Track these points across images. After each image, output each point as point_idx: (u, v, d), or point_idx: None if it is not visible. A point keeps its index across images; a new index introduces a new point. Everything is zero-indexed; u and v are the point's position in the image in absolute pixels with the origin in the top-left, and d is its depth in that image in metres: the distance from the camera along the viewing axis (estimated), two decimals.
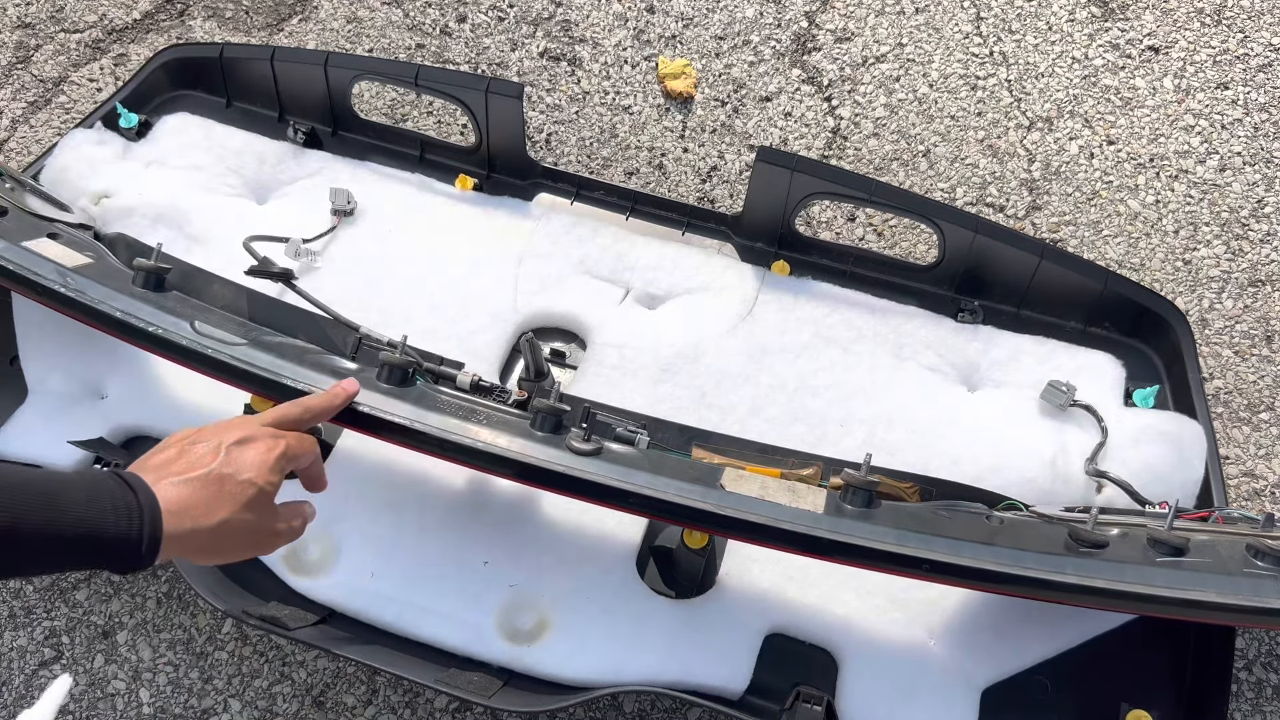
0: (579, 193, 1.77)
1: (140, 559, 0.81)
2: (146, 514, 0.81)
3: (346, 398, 1.09)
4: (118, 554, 0.80)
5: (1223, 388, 1.82)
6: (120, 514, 0.80)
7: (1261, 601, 0.97)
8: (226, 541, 0.89)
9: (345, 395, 1.09)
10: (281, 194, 1.75)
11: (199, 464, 0.89)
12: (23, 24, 2.32)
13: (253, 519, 0.90)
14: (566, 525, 1.39)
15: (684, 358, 1.56)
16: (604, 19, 2.27)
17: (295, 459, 0.97)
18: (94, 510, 0.78)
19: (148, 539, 0.81)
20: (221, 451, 0.90)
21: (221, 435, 0.92)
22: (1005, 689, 1.28)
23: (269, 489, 0.92)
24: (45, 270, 1.28)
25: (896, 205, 1.57)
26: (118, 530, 0.79)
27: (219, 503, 0.87)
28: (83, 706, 1.59)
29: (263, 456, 0.92)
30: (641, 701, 1.55)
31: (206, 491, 0.87)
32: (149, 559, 0.81)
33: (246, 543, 0.91)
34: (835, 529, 1.06)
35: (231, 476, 0.89)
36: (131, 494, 0.82)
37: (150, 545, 0.81)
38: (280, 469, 0.94)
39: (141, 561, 0.81)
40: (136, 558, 0.80)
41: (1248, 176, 2.03)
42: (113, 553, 0.79)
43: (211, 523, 0.86)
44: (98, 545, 0.78)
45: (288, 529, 0.96)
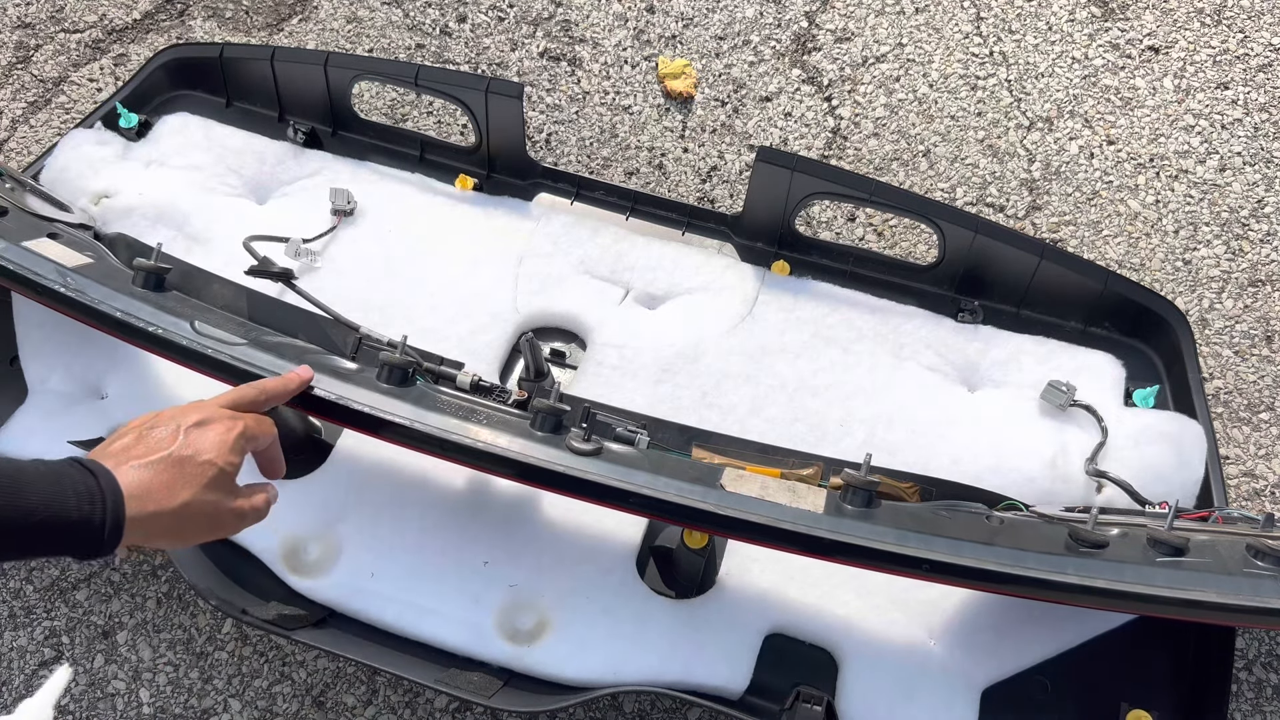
0: (579, 193, 1.77)
1: (102, 544, 0.81)
2: (109, 498, 0.82)
3: (301, 382, 1.10)
4: (80, 539, 0.80)
5: (1223, 388, 1.83)
6: (82, 499, 0.80)
7: (1261, 601, 0.97)
8: (189, 523, 0.89)
9: (299, 380, 1.10)
10: (281, 194, 1.75)
11: (158, 447, 0.89)
12: (23, 24, 2.32)
13: (214, 499, 0.90)
14: (566, 525, 1.39)
15: (684, 358, 1.56)
16: (604, 19, 2.27)
17: (254, 439, 0.97)
18: (56, 497, 0.79)
19: (110, 523, 0.81)
20: (180, 434, 0.90)
21: (179, 418, 0.93)
22: (1005, 689, 1.28)
23: (229, 469, 0.92)
24: (45, 270, 1.28)
25: (896, 205, 1.57)
26: (80, 514, 0.79)
27: (180, 484, 0.88)
28: (83, 706, 1.59)
29: (221, 437, 0.92)
30: (641, 701, 1.55)
31: (167, 474, 0.87)
32: (111, 543, 0.82)
33: (208, 524, 0.91)
34: (835, 529, 1.06)
35: (191, 458, 0.89)
36: (93, 479, 0.82)
37: (113, 529, 0.81)
38: (240, 449, 0.94)
39: (104, 547, 0.81)
40: (99, 543, 0.81)
41: (1248, 176, 2.03)
42: (75, 538, 0.79)
43: (174, 504, 0.87)
44: (60, 531, 0.78)
45: (251, 509, 0.96)
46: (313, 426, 1.48)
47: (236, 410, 0.99)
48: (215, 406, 0.97)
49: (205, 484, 0.89)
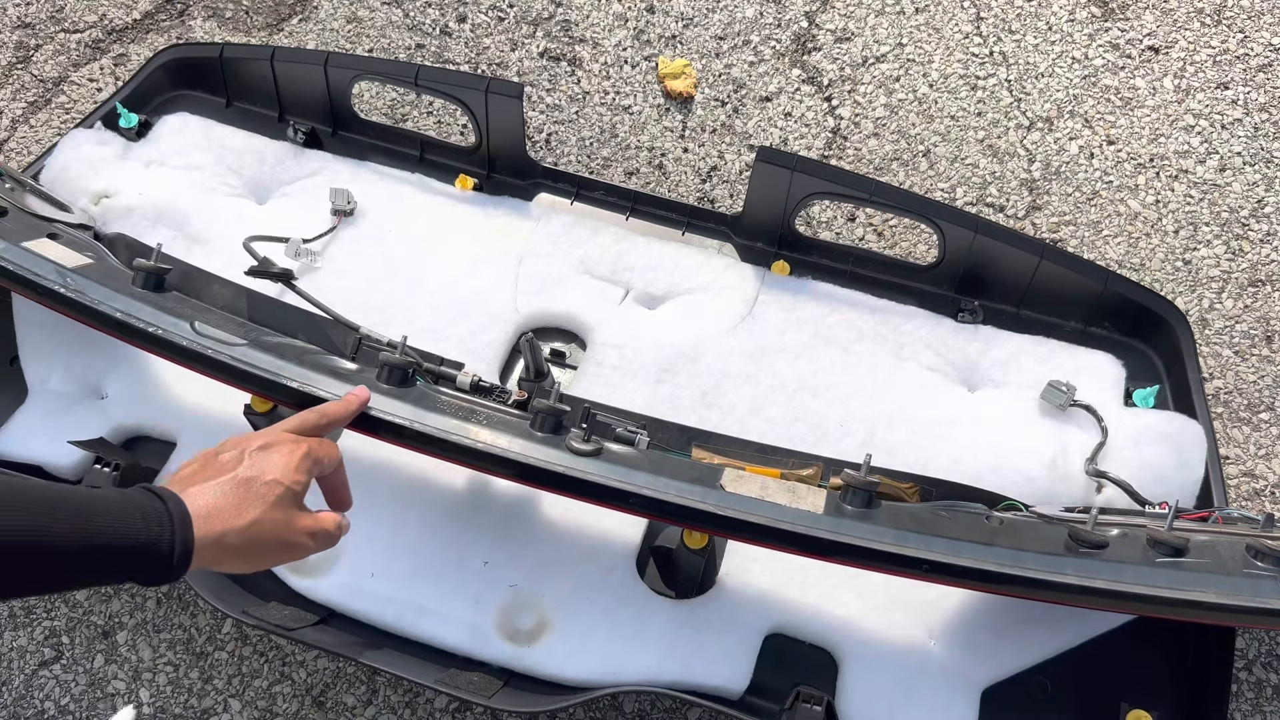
0: (579, 193, 1.77)
1: (171, 568, 0.81)
2: (176, 520, 0.82)
3: (360, 404, 1.11)
4: (149, 563, 0.80)
5: (1223, 388, 1.83)
6: (150, 521, 0.80)
7: (1261, 602, 0.97)
8: (258, 544, 0.89)
9: (359, 401, 1.11)
10: (281, 194, 1.75)
11: (224, 470, 0.90)
12: (23, 24, 2.32)
13: (282, 518, 0.91)
14: (566, 525, 1.39)
15: (684, 358, 1.56)
16: (604, 19, 2.27)
17: (319, 461, 0.98)
18: (125, 521, 0.79)
19: (179, 545, 0.81)
20: (245, 457, 0.92)
21: (244, 443, 0.94)
22: (1005, 689, 1.28)
23: (296, 488, 0.93)
24: (45, 270, 1.28)
25: (896, 205, 1.57)
26: (148, 537, 0.79)
27: (247, 504, 0.88)
28: (83, 706, 1.59)
29: (287, 458, 0.93)
30: (641, 701, 1.55)
31: (234, 494, 0.88)
32: (181, 567, 0.82)
33: (277, 544, 0.91)
34: (835, 529, 1.06)
35: (257, 478, 0.90)
36: (160, 502, 0.82)
37: (182, 552, 0.81)
38: (306, 470, 0.95)
39: (173, 570, 0.81)
40: (168, 566, 0.81)
41: (1248, 176, 2.03)
42: (144, 561, 0.79)
43: (241, 523, 0.87)
44: (129, 554, 0.78)
45: (320, 531, 0.96)
46: None
47: (300, 434, 0.99)
48: (279, 431, 0.98)
49: (272, 503, 0.90)
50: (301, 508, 0.94)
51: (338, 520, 0.99)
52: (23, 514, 0.74)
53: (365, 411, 1.13)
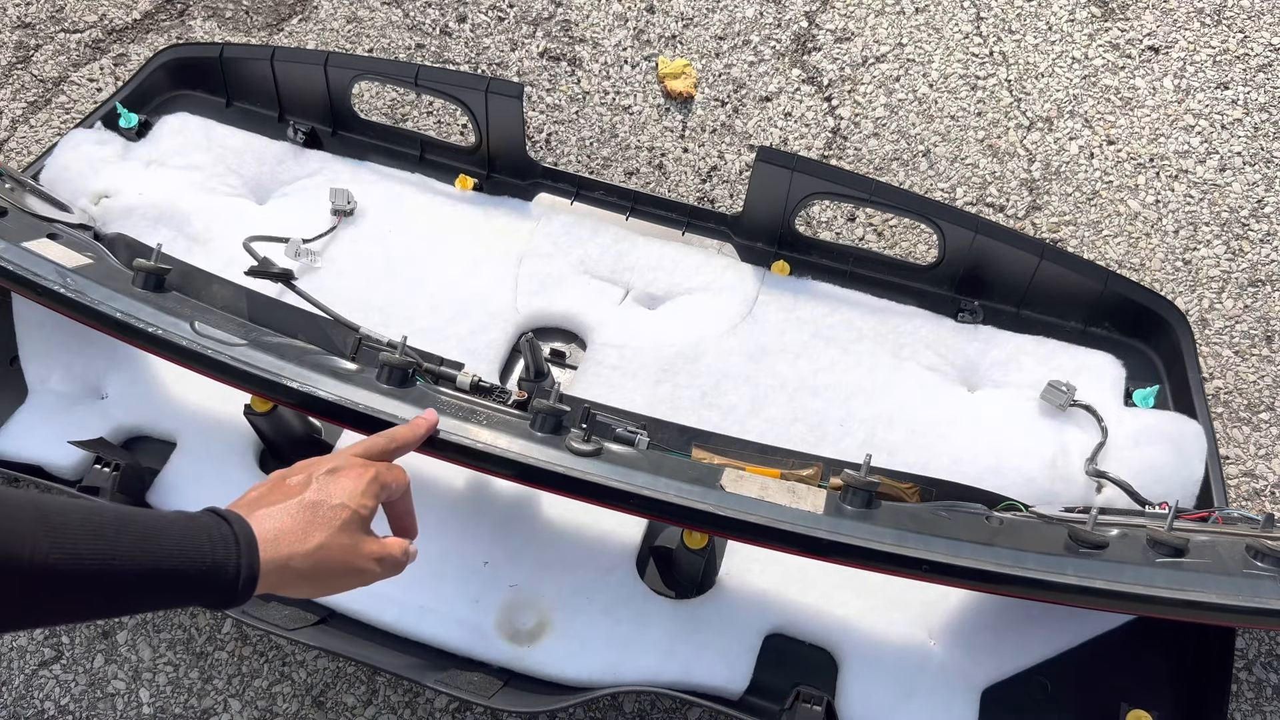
0: (579, 193, 1.77)
1: (237, 592, 0.80)
2: (243, 543, 0.81)
3: (429, 427, 1.10)
4: (215, 586, 0.79)
5: (1223, 388, 1.83)
6: (217, 544, 0.80)
7: (1261, 602, 0.97)
8: (323, 568, 0.88)
9: (427, 425, 1.10)
10: (281, 194, 1.75)
11: (292, 493, 0.89)
12: (23, 24, 2.32)
13: (348, 543, 0.90)
14: (566, 525, 1.39)
15: (684, 358, 1.56)
16: (604, 19, 2.27)
17: (387, 486, 0.97)
18: (191, 544, 0.78)
19: (245, 568, 0.81)
20: (313, 480, 0.91)
21: (312, 468, 0.93)
22: (1005, 689, 1.28)
23: (363, 512, 0.92)
24: (45, 270, 1.28)
25: (896, 205, 1.57)
26: (215, 560, 0.79)
27: (314, 527, 0.87)
28: (83, 706, 1.59)
29: (354, 482, 0.93)
30: (641, 701, 1.55)
31: (301, 518, 0.87)
32: (246, 591, 0.81)
33: (343, 569, 0.90)
34: (835, 529, 1.06)
35: (324, 502, 0.89)
36: (226, 525, 0.82)
37: (248, 575, 0.81)
38: (373, 494, 0.94)
39: (238, 595, 0.81)
40: (233, 590, 0.80)
41: (1248, 176, 2.03)
42: (210, 585, 0.79)
43: (308, 547, 0.86)
44: (195, 578, 0.78)
45: (387, 557, 0.94)
46: (313, 427, 1.48)
47: (368, 459, 0.99)
48: (347, 455, 0.98)
49: (339, 527, 0.89)
50: (368, 533, 0.93)
51: (405, 547, 0.97)
52: (94, 539, 0.73)
53: (365, 413, 1.13)
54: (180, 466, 1.44)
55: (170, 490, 1.43)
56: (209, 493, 1.41)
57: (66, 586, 0.72)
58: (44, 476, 1.44)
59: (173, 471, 1.44)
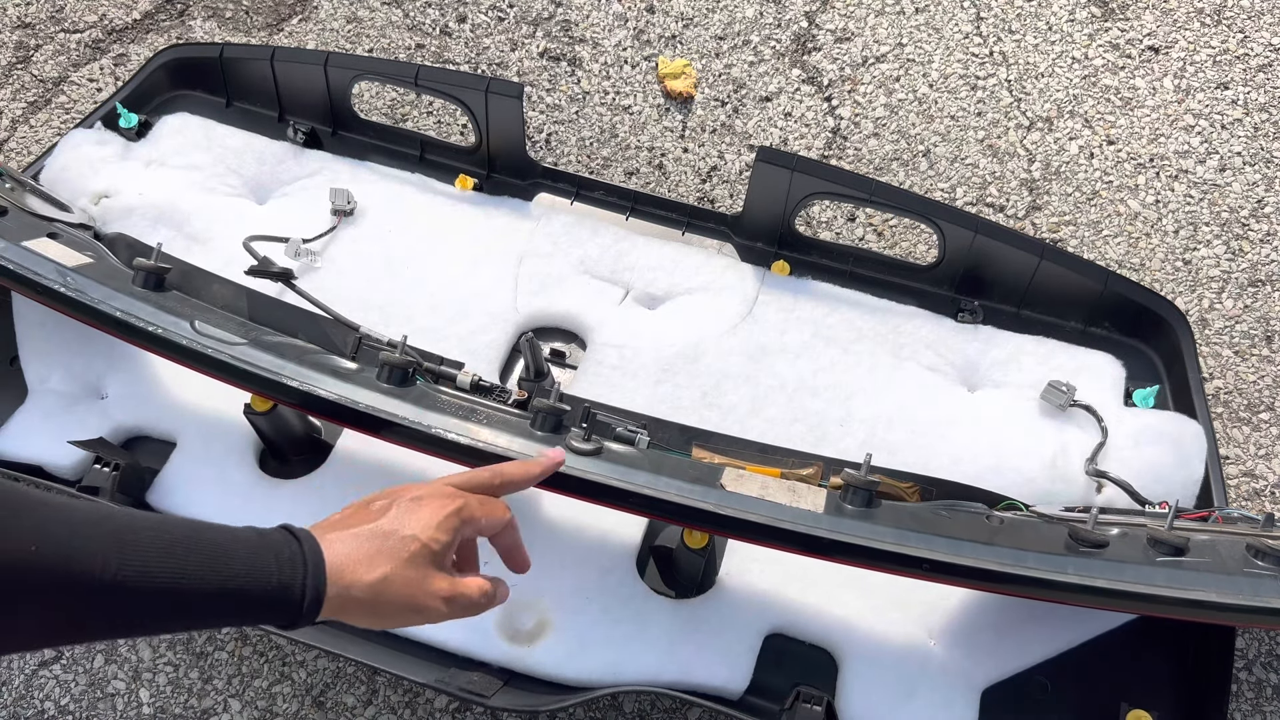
0: (579, 193, 1.77)
1: (301, 615, 0.78)
2: (310, 565, 0.79)
3: (548, 468, 1.03)
4: (278, 607, 0.77)
5: (1223, 388, 1.83)
6: (284, 565, 0.78)
7: (1261, 601, 0.97)
8: (384, 601, 0.84)
9: (547, 465, 1.03)
10: (281, 194, 1.75)
11: (368, 519, 0.86)
12: (23, 24, 2.32)
13: (414, 577, 0.85)
14: (566, 525, 1.39)
15: (684, 358, 1.56)
16: (604, 19, 2.27)
17: (472, 521, 0.90)
18: (259, 562, 0.77)
19: (310, 592, 0.78)
20: (394, 508, 0.87)
21: (400, 493, 0.89)
22: (1005, 689, 1.28)
23: (434, 546, 0.86)
24: (45, 270, 1.28)
25: (896, 205, 1.57)
26: (281, 580, 0.77)
27: (381, 557, 0.83)
28: (83, 706, 1.59)
29: (433, 513, 0.87)
30: (641, 701, 1.54)
31: (370, 545, 0.84)
32: (311, 614, 0.79)
33: (406, 603, 0.85)
34: (835, 529, 1.06)
35: (396, 531, 0.85)
36: (297, 545, 0.80)
37: (313, 598, 0.79)
38: (452, 528, 0.88)
39: (302, 618, 0.79)
40: (298, 612, 0.78)
41: (1248, 176, 2.03)
42: (274, 606, 0.77)
43: (371, 578, 0.82)
44: (259, 598, 0.76)
45: (459, 595, 0.88)
46: (313, 426, 1.48)
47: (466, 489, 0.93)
48: (441, 483, 0.93)
49: (406, 558, 0.84)
50: (439, 568, 0.87)
51: (484, 588, 0.90)
52: (164, 557, 0.72)
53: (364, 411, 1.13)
54: (180, 466, 1.44)
55: (170, 490, 1.43)
56: (209, 493, 1.41)
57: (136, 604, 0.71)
58: (44, 476, 1.44)
59: (173, 471, 1.44)
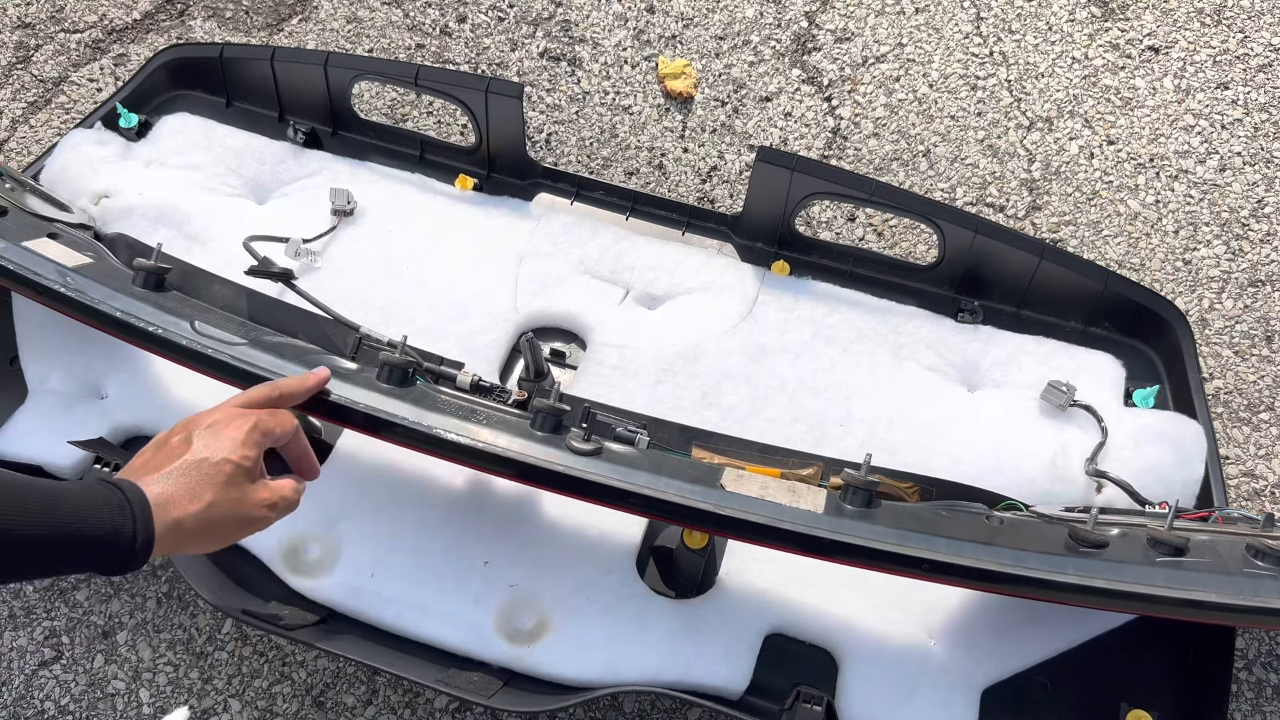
0: (579, 193, 1.77)
1: (134, 555, 0.82)
2: (136, 509, 0.83)
3: (319, 381, 1.10)
4: (112, 552, 0.81)
5: (1223, 388, 1.83)
6: (114, 511, 0.81)
7: (1261, 601, 0.97)
8: (216, 525, 0.90)
9: (317, 379, 1.10)
10: (281, 194, 1.75)
11: (175, 455, 0.91)
12: (23, 24, 2.32)
13: (236, 495, 0.91)
14: (566, 525, 1.39)
15: (684, 358, 1.56)
16: (604, 19, 2.27)
17: (269, 433, 0.97)
18: (89, 510, 0.80)
19: (140, 533, 0.82)
20: (194, 439, 0.92)
21: (191, 424, 0.94)
22: (1005, 689, 1.28)
23: (246, 464, 0.93)
24: (45, 270, 1.28)
25: (896, 205, 1.57)
26: (112, 526, 0.81)
27: (201, 487, 0.89)
28: (83, 706, 1.59)
29: (234, 434, 0.93)
30: (641, 701, 1.55)
31: (187, 479, 0.89)
32: (143, 555, 0.83)
33: (236, 521, 0.92)
34: (835, 529, 1.06)
35: (207, 459, 0.90)
36: (119, 493, 0.83)
37: (144, 540, 0.82)
38: (255, 443, 0.94)
39: (135, 558, 0.82)
40: (130, 554, 0.82)
41: (1248, 176, 2.03)
42: (108, 551, 0.81)
43: (198, 507, 0.87)
44: (93, 544, 0.80)
45: (279, 499, 0.96)
46: (313, 426, 1.48)
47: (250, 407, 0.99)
48: (228, 407, 0.98)
49: (224, 482, 0.90)
50: (255, 481, 0.94)
51: (294, 485, 0.98)
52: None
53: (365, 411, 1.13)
54: None
55: None
56: None
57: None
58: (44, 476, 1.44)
59: None
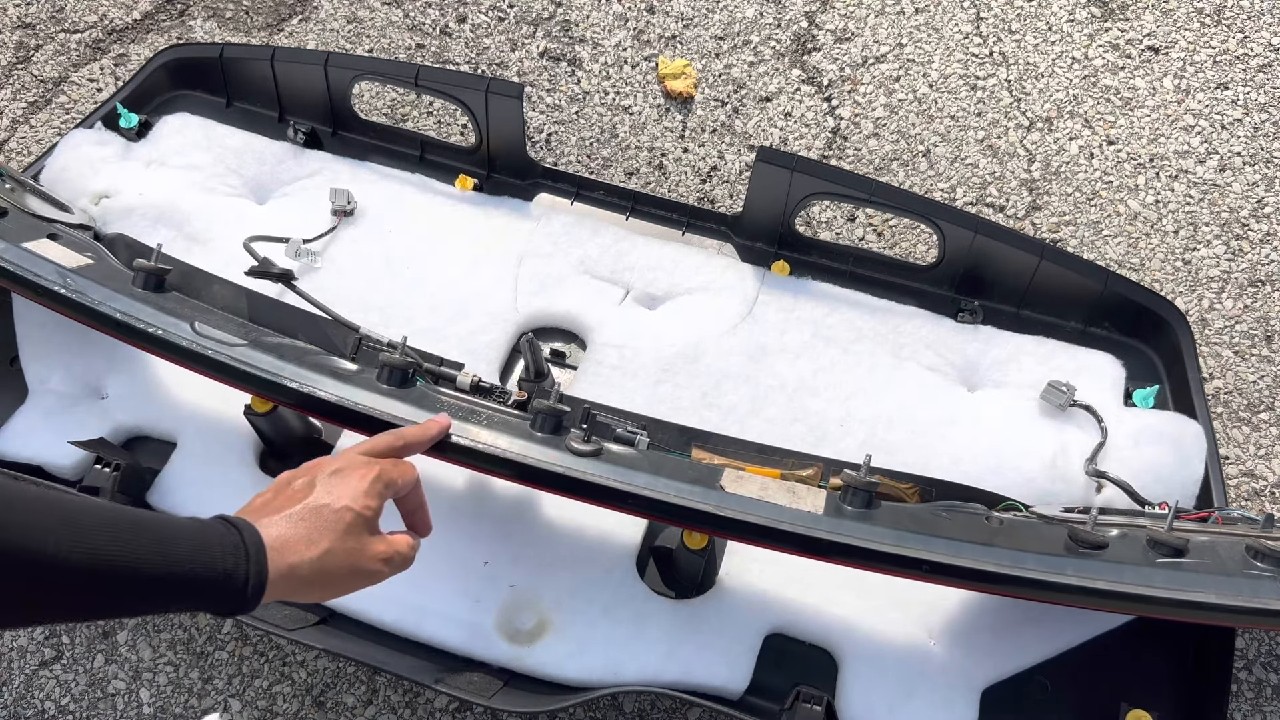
0: (579, 193, 1.77)
1: (246, 600, 0.81)
2: (251, 551, 0.82)
3: (440, 429, 1.09)
4: (224, 593, 0.80)
5: (1223, 388, 1.83)
6: (228, 552, 0.80)
7: (1261, 602, 0.97)
8: (330, 573, 0.88)
9: (439, 427, 1.09)
10: (281, 194, 1.75)
11: (295, 499, 0.89)
12: (23, 24, 2.32)
13: (354, 545, 0.89)
14: (566, 526, 1.39)
15: (684, 358, 1.56)
16: (604, 19, 2.27)
17: (391, 484, 0.96)
18: (203, 550, 0.79)
19: (254, 576, 0.81)
20: (316, 484, 0.91)
21: (315, 470, 0.93)
22: (1005, 689, 1.28)
23: (367, 514, 0.91)
24: (45, 271, 1.28)
25: (896, 205, 1.57)
26: (225, 568, 0.79)
27: (319, 533, 0.87)
28: (83, 706, 1.59)
29: (357, 483, 0.92)
30: (641, 701, 1.55)
31: (305, 524, 0.87)
32: (255, 599, 0.81)
33: (350, 571, 0.90)
34: (835, 530, 1.06)
35: (328, 506, 0.89)
36: (236, 533, 0.82)
37: (256, 583, 0.81)
38: (377, 494, 0.93)
39: (247, 602, 0.81)
40: (242, 598, 0.80)
41: (1248, 176, 2.03)
42: (219, 592, 0.79)
43: (314, 554, 0.86)
44: (206, 584, 0.78)
45: (395, 553, 0.94)
46: (313, 427, 1.48)
47: (374, 456, 0.98)
48: (353, 454, 0.97)
49: (343, 530, 0.89)
50: (374, 533, 0.93)
51: (410, 542, 0.97)
52: (111, 540, 0.74)
53: (365, 413, 1.13)
54: (180, 466, 1.44)
55: (170, 490, 1.43)
56: (209, 493, 1.41)
57: (84, 585, 0.73)
58: (44, 476, 1.44)
59: (173, 471, 1.44)
